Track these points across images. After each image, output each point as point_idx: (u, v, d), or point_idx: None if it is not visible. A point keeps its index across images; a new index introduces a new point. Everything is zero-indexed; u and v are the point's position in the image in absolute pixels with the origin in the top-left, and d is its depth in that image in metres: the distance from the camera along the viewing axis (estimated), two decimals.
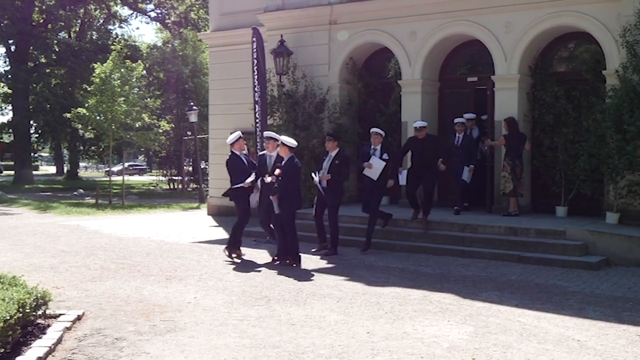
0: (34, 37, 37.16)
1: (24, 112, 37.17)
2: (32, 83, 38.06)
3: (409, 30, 13.75)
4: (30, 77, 37.13)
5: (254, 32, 14.56)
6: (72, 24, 41.26)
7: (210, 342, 5.75)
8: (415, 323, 6.39)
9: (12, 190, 30.86)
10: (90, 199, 24.63)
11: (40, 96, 38.60)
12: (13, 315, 5.24)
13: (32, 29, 37.29)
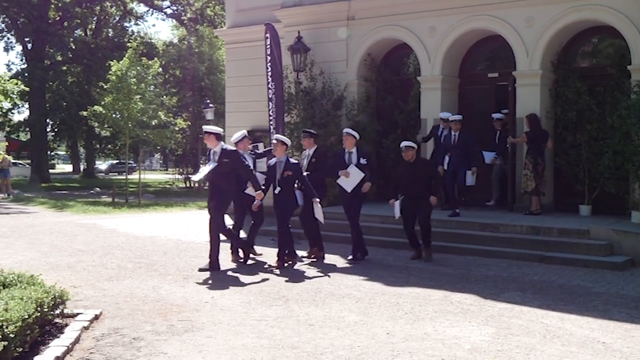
0: (50, 35, 37.52)
1: (40, 110, 37.54)
2: (49, 81, 38.42)
3: (428, 25, 13.70)
4: (47, 75, 37.48)
5: (268, 28, 14.55)
6: (88, 21, 41.59)
7: (228, 342, 5.76)
8: (436, 324, 6.36)
9: (28, 188, 31.19)
10: (106, 197, 24.80)
11: (57, 94, 38.94)
12: (31, 315, 5.28)
13: (48, 27, 37.65)
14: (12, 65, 42.18)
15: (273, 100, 14.28)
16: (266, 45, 14.67)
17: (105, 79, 24.64)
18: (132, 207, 20.85)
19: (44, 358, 5.11)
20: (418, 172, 9.90)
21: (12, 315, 4.98)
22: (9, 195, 25.68)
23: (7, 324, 4.83)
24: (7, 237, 12.81)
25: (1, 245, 11.68)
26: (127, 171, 27.12)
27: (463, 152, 11.93)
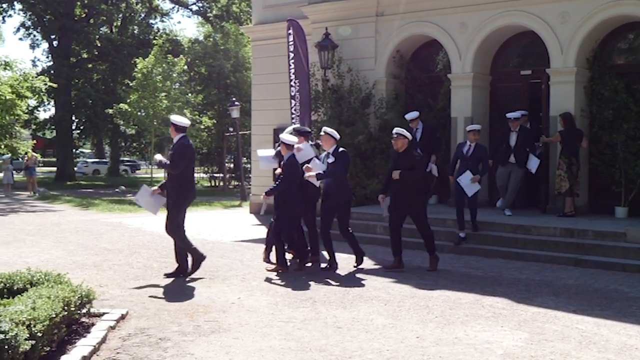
0: (76, 32, 38.03)
1: (66, 108, 38.06)
2: (74, 78, 38.93)
3: (459, 21, 13.60)
4: (73, 72, 38.00)
5: (290, 24, 14.46)
6: (114, 18, 42.07)
7: (255, 344, 5.79)
8: (467, 328, 6.32)
9: (54, 186, 31.66)
10: (131, 196, 25.03)
11: (82, 92, 39.45)
12: (58, 314, 5.36)
13: (74, 24, 38.16)
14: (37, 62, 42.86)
15: (297, 98, 14.21)
16: (288, 42, 14.57)
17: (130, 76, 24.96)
18: None
19: (71, 357, 5.18)
20: (405, 166, 9.19)
21: (40, 314, 5.05)
22: (34, 193, 26.09)
23: (34, 322, 4.90)
24: (33, 236, 13.01)
25: (28, 244, 11.87)
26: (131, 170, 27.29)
27: (476, 164, 10.77)
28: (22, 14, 40.74)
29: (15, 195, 26.06)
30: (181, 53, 33.38)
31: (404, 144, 9.31)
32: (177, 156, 8.62)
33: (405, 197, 9.22)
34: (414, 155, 9.34)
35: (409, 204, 9.28)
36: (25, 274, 6.44)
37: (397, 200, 9.33)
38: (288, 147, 9.23)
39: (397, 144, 9.33)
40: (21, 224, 15.38)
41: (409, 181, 9.15)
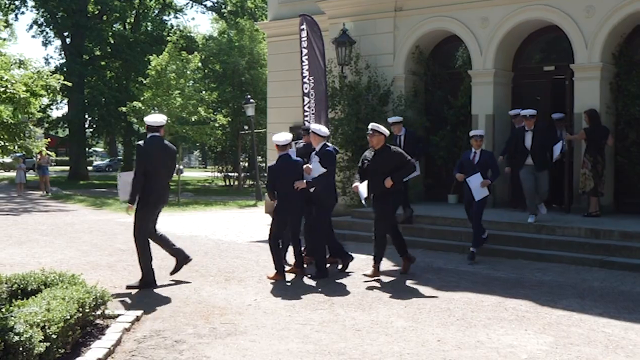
0: (89, 29, 38.29)
1: (79, 106, 38.33)
2: (87, 76, 39.19)
3: (480, 16, 13.52)
4: (86, 70, 38.26)
5: (303, 19, 14.33)
6: (127, 14, 42.28)
7: (272, 347, 5.79)
8: (490, 331, 6.28)
9: (67, 186, 31.90)
10: None
11: (95, 90, 39.71)
12: (73, 315, 5.40)
13: (87, 21, 38.43)
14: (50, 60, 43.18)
15: (312, 95, 14.03)
16: (301, 38, 14.39)
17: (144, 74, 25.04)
18: (171, 205, 21.12)
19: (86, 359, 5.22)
20: (380, 165, 8.84)
21: (54, 315, 5.09)
22: (47, 192, 26.31)
23: (49, 324, 4.94)
24: (46, 236, 13.11)
25: (41, 244, 11.96)
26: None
27: (484, 172, 10.18)
28: (34, 11, 41.13)
29: (28, 194, 26.30)
30: (195, 50, 33.50)
31: (379, 141, 8.92)
32: (137, 167, 8.27)
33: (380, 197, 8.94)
34: (395, 153, 8.93)
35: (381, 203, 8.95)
36: (39, 275, 6.50)
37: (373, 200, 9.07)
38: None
39: (373, 140, 8.95)
40: (34, 223, 15.51)
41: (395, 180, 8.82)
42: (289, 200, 8.81)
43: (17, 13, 41.52)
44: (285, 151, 8.88)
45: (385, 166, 8.83)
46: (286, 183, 8.77)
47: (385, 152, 8.91)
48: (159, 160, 8.23)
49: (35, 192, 27.45)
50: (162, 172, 8.27)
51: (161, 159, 8.26)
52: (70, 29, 38.56)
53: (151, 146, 8.21)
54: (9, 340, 4.45)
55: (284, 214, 8.86)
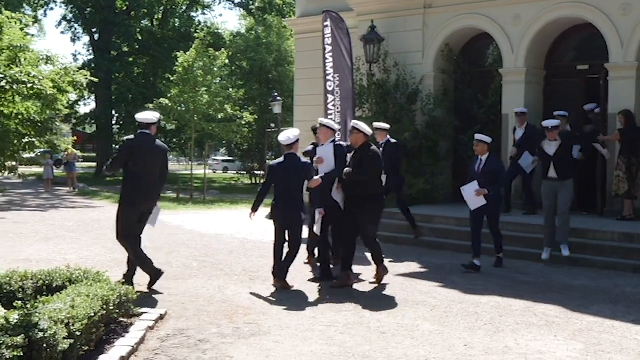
0: (117, 26, 38.69)
1: (106, 102, 38.75)
2: (115, 72, 39.58)
3: (512, 13, 13.40)
4: (113, 66, 38.65)
5: (327, 16, 14.19)
6: (155, 11, 42.64)
7: (296, 348, 5.79)
8: (518, 337, 6.22)
9: (94, 182, 32.26)
10: (171, 193, 25.37)
11: (123, 86, 40.09)
12: (97, 313, 5.44)
13: (116, 17, 38.81)
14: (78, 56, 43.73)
15: (337, 93, 13.81)
16: (324, 34, 14.15)
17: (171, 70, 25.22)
18: (196, 203, 21.27)
19: (110, 357, 5.25)
20: (358, 165, 8.36)
21: (79, 312, 5.14)
22: (74, 189, 26.64)
23: (73, 321, 4.99)
24: (73, 232, 13.27)
25: (67, 240, 12.11)
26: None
27: (490, 181, 9.53)
28: (63, 7, 41.65)
29: (55, 190, 26.65)
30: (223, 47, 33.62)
31: (358, 140, 8.46)
32: (116, 155, 8.18)
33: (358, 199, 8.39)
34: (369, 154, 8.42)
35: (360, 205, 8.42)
36: (64, 272, 6.57)
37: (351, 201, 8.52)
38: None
39: (351, 138, 8.63)
40: (61, 220, 15.71)
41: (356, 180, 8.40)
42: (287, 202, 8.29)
43: (46, 9, 42.14)
44: (291, 150, 8.32)
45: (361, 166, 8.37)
46: (287, 184, 8.27)
47: (363, 151, 8.40)
48: (143, 158, 7.93)
49: (62, 188, 27.80)
50: (146, 171, 7.94)
51: (146, 157, 7.96)
52: (98, 25, 38.99)
53: (137, 143, 8.00)
54: (33, 337, 4.50)
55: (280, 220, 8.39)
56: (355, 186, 8.37)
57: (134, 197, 7.93)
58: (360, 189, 8.34)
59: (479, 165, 9.69)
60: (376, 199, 8.49)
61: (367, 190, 8.34)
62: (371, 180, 8.42)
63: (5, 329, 4.52)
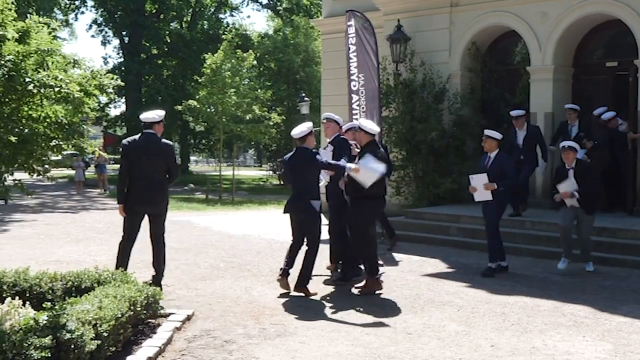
0: (146, 28, 39.07)
1: (136, 104, 39.14)
2: (144, 75, 39.98)
3: (539, 10, 13.25)
4: (143, 68, 39.04)
5: (351, 15, 14.11)
6: (184, 13, 42.97)
7: (322, 349, 5.78)
8: (546, 337, 6.14)
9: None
10: (200, 194, 25.53)
11: (152, 88, 40.48)
12: (124, 314, 5.49)
13: (145, 20, 39.20)
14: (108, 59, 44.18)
15: (362, 93, 13.74)
16: (348, 34, 14.08)
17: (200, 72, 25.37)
18: (225, 204, 21.37)
19: (137, 358, 5.30)
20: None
21: (106, 313, 5.19)
22: (105, 190, 26.92)
23: (100, 322, 5.03)
24: (103, 234, 13.41)
25: (97, 242, 12.25)
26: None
27: (497, 179, 9.01)
28: (94, 11, 42.17)
29: (87, 192, 26.98)
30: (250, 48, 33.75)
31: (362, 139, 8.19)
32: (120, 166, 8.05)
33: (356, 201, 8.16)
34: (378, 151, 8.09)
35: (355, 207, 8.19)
36: (93, 273, 6.64)
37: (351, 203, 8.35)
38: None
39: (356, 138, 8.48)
40: (92, 221, 15.90)
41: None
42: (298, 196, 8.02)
43: (77, 13, 42.71)
44: (304, 143, 7.98)
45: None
46: (298, 177, 8.01)
47: (370, 149, 8.02)
48: (140, 158, 7.79)
49: (93, 190, 28.13)
50: (147, 172, 7.80)
51: (149, 158, 7.81)
52: (128, 28, 39.42)
53: (135, 144, 7.89)
54: (61, 338, 4.55)
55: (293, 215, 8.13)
56: (356, 186, 7.96)
57: (131, 198, 7.84)
58: (360, 189, 7.92)
59: (487, 162, 9.22)
60: (374, 199, 8.09)
61: (367, 191, 7.91)
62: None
63: (33, 330, 4.58)
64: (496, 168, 9.07)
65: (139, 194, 7.83)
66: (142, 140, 7.93)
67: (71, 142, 5.96)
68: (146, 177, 7.80)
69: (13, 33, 5.55)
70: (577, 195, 8.70)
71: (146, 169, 7.80)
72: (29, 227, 14.41)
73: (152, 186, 7.84)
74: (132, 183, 7.83)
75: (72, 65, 6.27)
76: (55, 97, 5.80)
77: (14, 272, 6.48)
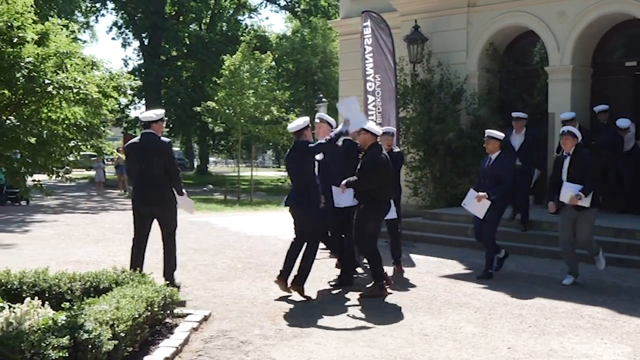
0: (166, 30, 39.26)
1: (156, 105, 39.28)
2: (164, 77, 40.18)
3: (557, 10, 13.13)
4: (162, 70, 39.23)
5: (367, 16, 14.02)
6: (203, 15, 43.13)
7: (338, 350, 5.76)
8: (564, 340, 6.08)
9: None
10: (218, 194, 25.61)
11: (172, 90, 40.66)
12: (142, 314, 5.50)
13: (165, 22, 39.39)
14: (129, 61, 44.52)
15: (378, 94, 13.64)
16: (364, 35, 13.92)
17: (218, 74, 25.45)
18: (243, 205, 21.42)
19: (154, 358, 5.31)
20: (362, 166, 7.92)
21: (123, 314, 5.20)
22: (125, 191, 27.08)
23: (117, 322, 5.05)
24: (122, 234, 13.48)
25: (116, 242, 12.31)
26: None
27: (494, 183, 8.78)
28: (114, 13, 42.46)
29: (107, 193, 27.16)
30: (269, 49, 33.83)
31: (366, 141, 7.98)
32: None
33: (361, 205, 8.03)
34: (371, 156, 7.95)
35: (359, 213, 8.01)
36: (111, 274, 6.67)
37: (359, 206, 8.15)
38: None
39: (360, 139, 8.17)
40: (111, 222, 15.99)
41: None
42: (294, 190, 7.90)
43: (97, 15, 43.00)
44: (301, 137, 7.81)
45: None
46: (295, 172, 7.89)
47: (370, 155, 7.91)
48: (140, 158, 7.82)
49: (113, 190, 28.32)
50: (146, 172, 7.79)
51: (147, 158, 7.79)
52: (148, 30, 39.63)
53: (134, 145, 7.92)
54: (79, 338, 4.57)
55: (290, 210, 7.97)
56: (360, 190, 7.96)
57: (135, 198, 7.96)
58: (363, 194, 7.90)
59: (488, 163, 8.90)
60: (377, 203, 7.89)
61: (370, 196, 7.84)
62: (376, 187, 7.82)
63: (51, 330, 4.61)
64: (492, 172, 8.79)
65: (141, 194, 7.91)
66: (141, 141, 7.94)
67: (89, 143, 5.99)
68: (147, 177, 7.84)
69: (32, 35, 5.60)
70: (582, 195, 8.17)
71: (146, 169, 7.83)
72: (50, 228, 14.54)
73: (151, 186, 7.84)
74: (135, 183, 7.98)
75: (90, 67, 6.30)
76: (74, 98, 5.84)
77: (33, 273, 6.53)
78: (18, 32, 5.42)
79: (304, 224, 7.89)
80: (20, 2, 5.49)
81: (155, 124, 8.00)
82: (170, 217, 8.16)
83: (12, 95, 5.58)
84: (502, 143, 9.00)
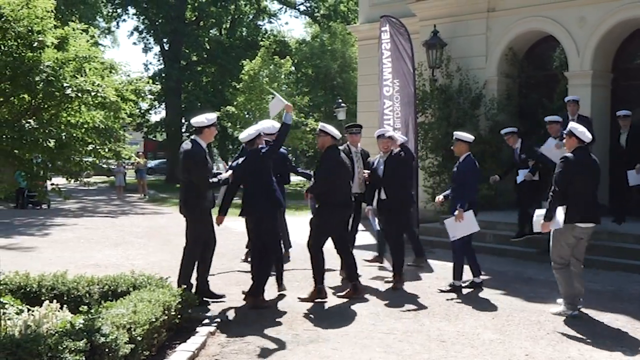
0: (186, 35, 39.47)
1: (176, 110, 39.58)
2: (184, 81, 40.38)
3: (577, 15, 13.02)
4: (183, 75, 39.42)
5: (386, 21, 13.93)
6: (223, 20, 43.29)
7: (355, 355, 5.74)
8: (582, 347, 6.01)
9: (164, 189, 32.91)
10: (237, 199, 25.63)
11: (192, 94, 40.81)
12: (159, 318, 5.53)
13: (185, 27, 39.62)
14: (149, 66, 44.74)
15: (396, 99, 13.51)
16: (382, 40, 13.78)
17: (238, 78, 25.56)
18: None
19: None
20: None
21: (140, 317, 5.23)
22: (144, 195, 27.26)
23: (134, 326, 5.07)
24: (141, 238, 13.56)
25: (135, 246, 12.39)
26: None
27: (460, 185, 8.48)
28: (135, 18, 42.75)
29: (127, 197, 27.34)
30: (288, 54, 33.90)
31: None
32: None
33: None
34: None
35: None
36: (129, 277, 6.70)
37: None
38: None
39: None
40: (130, 226, 16.09)
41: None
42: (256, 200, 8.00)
43: (118, 21, 43.32)
44: (252, 146, 7.90)
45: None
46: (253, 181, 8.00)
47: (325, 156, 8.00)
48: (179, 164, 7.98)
49: (133, 194, 28.48)
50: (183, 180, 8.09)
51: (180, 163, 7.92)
52: (168, 35, 39.86)
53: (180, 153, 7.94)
54: (95, 341, 4.59)
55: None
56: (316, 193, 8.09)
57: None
58: (318, 196, 8.02)
59: (456, 167, 8.53)
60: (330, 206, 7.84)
61: (322, 199, 7.87)
62: (329, 190, 7.79)
63: (69, 333, 4.63)
64: (460, 175, 8.38)
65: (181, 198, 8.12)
66: (180, 147, 8.10)
67: (107, 146, 6.01)
68: (181, 183, 8.16)
69: (52, 40, 5.64)
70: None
71: (184, 177, 8.01)
72: (70, 231, 14.66)
73: (181, 191, 8.14)
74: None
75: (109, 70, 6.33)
76: (93, 102, 5.86)
77: (52, 276, 6.59)
78: (38, 37, 5.46)
79: (260, 232, 7.92)
80: (41, 7, 5.53)
81: (207, 129, 7.93)
82: (189, 223, 8.28)
83: (32, 99, 5.62)
84: (470, 145, 8.60)
